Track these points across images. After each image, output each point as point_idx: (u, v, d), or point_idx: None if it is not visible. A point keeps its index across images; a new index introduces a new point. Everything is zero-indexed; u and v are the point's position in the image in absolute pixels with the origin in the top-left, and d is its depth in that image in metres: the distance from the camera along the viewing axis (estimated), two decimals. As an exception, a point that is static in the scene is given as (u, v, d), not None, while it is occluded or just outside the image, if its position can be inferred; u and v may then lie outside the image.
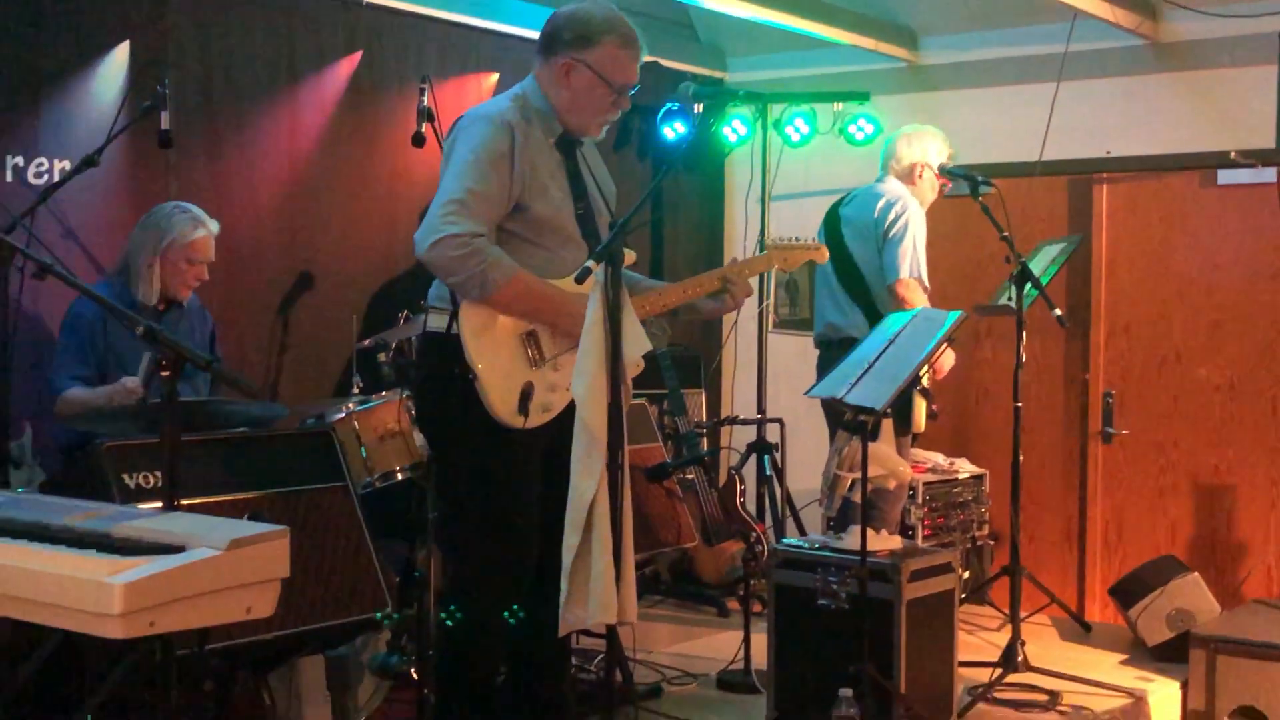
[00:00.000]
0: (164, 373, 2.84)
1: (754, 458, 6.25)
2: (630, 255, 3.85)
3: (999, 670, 4.83)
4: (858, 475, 4.15)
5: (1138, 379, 6.37)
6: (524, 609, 3.67)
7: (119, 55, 4.91)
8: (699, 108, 6.74)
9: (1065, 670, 4.93)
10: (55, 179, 4.57)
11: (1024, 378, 5.04)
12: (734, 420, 6.72)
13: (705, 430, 6.63)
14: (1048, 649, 5.37)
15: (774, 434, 6.33)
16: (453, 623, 3.63)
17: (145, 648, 2.85)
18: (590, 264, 3.22)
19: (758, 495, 6.37)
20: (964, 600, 5.04)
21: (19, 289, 3.86)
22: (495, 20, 6.13)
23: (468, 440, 3.63)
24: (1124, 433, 6.38)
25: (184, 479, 2.95)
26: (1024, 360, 5.01)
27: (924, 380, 4.88)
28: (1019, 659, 4.88)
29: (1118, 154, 6.35)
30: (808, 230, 5.72)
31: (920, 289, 5.33)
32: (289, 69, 5.46)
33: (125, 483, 3.46)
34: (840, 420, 4.27)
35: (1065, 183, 6.51)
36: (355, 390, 4.87)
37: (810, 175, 6.94)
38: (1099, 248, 6.44)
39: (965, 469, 6.22)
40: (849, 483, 4.28)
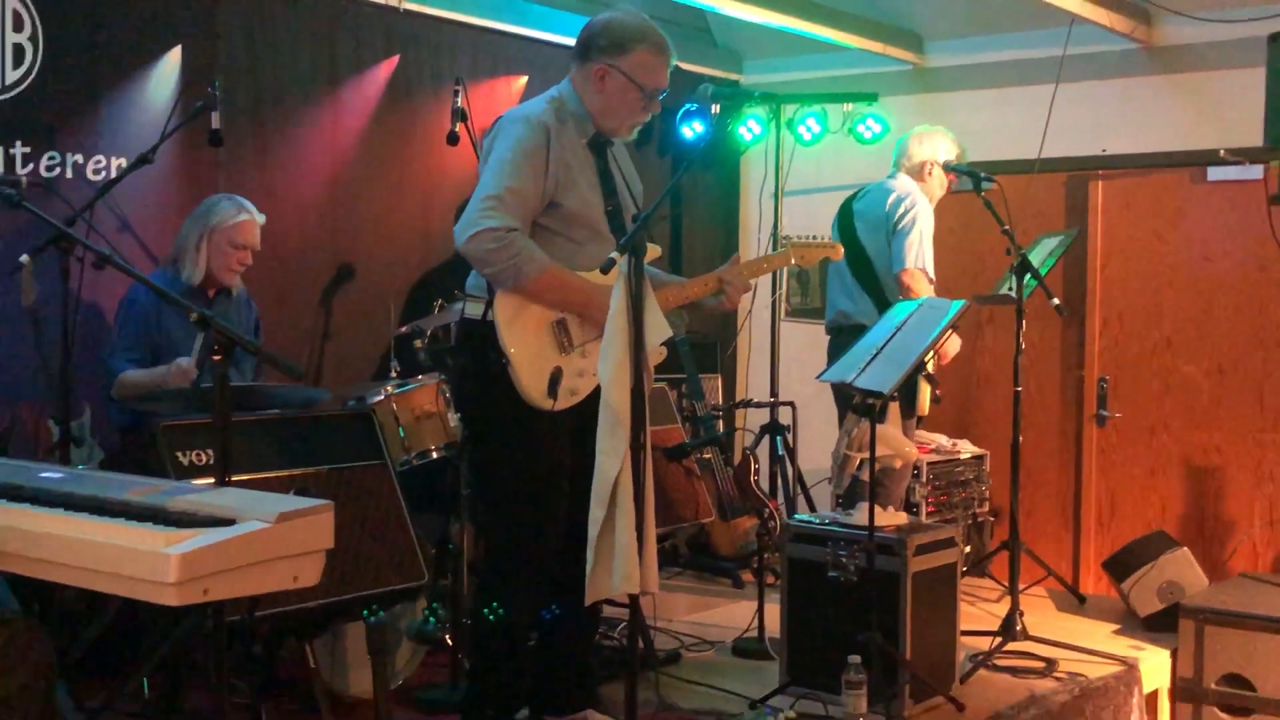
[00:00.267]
0: (216, 357, 2.86)
1: (767, 438, 6.25)
2: (655, 250, 3.87)
3: (999, 639, 4.83)
4: (866, 455, 4.15)
5: (1131, 365, 6.35)
6: (553, 579, 3.69)
7: (172, 60, 4.92)
8: (716, 108, 6.73)
9: (1061, 639, 4.92)
10: (112, 175, 4.59)
11: (1023, 364, 5.02)
12: (748, 403, 6.72)
13: (721, 413, 6.64)
14: (1044, 619, 5.36)
15: (786, 416, 6.32)
16: (488, 609, 3.66)
17: (198, 614, 2.87)
18: (614, 255, 3.22)
19: (770, 474, 6.37)
20: (965, 573, 5.04)
21: (79, 279, 3.89)
22: (524, 26, 6.13)
23: (501, 420, 3.65)
24: (1117, 416, 6.36)
25: (234, 457, 2.97)
26: (1023, 347, 4.99)
27: (929, 366, 4.87)
28: (1017, 628, 4.87)
29: (1113, 152, 6.33)
30: (818, 223, 5.74)
31: (925, 279, 5.32)
32: (331, 72, 5.47)
33: (179, 460, 3.48)
34: (849, 403, 4.26)
35: (1063, 179, 6.49)
36: (393, 374, 4.88)
37: (821, 172, 6.93)
38: (1094, 241, 6.42)
39: (967, 450, 6.21)
40: (857, 462, 4.27)
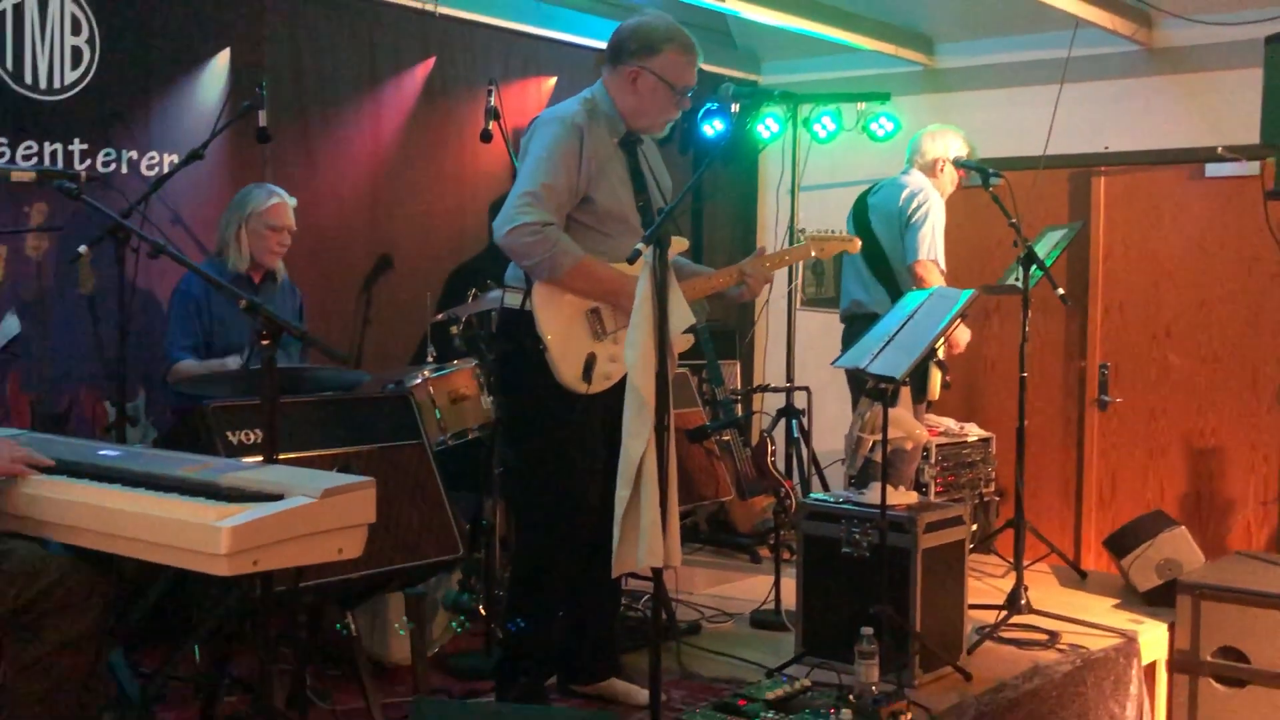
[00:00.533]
0: (264, 341, 2.86)
1: (783, 421, 6.24)
2: (682, 242, 3.86)
3: (1004, 612, 4.81)
4: (878, 437, 4.14)
5: (1131, 352, 6.32)
6: (582, 553, 3.70)
7: (221, 61, 4.94)
8: (736, 107, 6.70)
9: (1064, 613, 4.91)
10: (165, 170, 4.61)
11: (1028, 351, 5.01)
12: (765, 388, 6.71)
13: (740, 397, 6.63)
14: (1048, 594, 5.35)
15: (801, 400, 6.30)
16: (526, 580, 3.68)
17: (247, 584, 2.88)
18: (640, 246, 3.22)
19: (786, 455, 6.35)
20: (972, 550, 5.01)
21: (134, 268, 3.90)
22: (554, 29, 6.12)
23: (539, 403, 3.65)
24: (1118, 401, 6.33)
25: (281, 436, 2.99)
26: (1028, 335, 4.99)
27: (939, 353, 4.86)
28: (1022, 602, 4.86)
29: (1115, 149, 6.29)
30: (833, 217, 5.72)
31: (936, 270, 5.31)
32: (371, 73, 5.48)
33: (229, 439, 3.48)
34: (863, 388, 4.25)
35: (1067, 175, 6.45)
36: (430, 359, 4.88)
37: (836, 168, 6.89)
38: (1097, 234, 6.39)
39: (974, 432, 6.18)
40: (870, 444, 4.26)
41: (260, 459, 2.95)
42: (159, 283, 4.59)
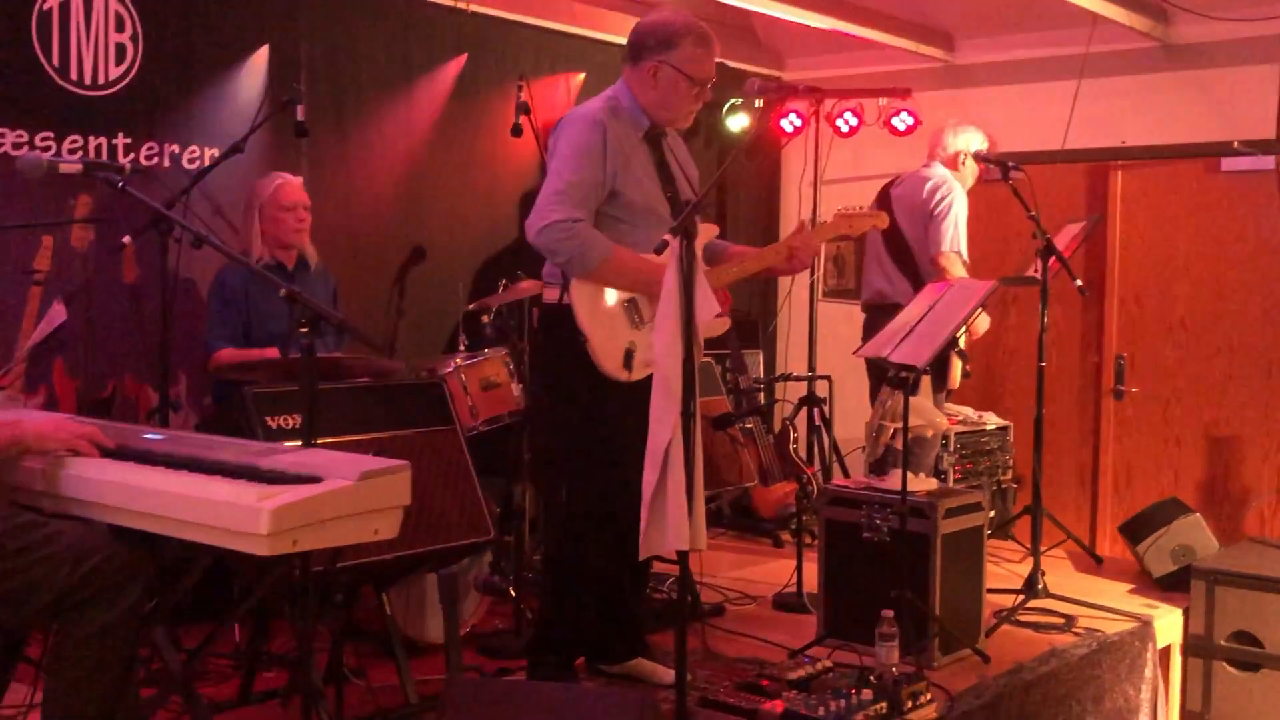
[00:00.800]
0: (302, 329, 2.86)
1: (805, 409, 6.22)
2: (713, 228, 3.87)
3: (1021, 596, 4.80)
4: (899, 425, 4.12)
5: (1147, 343, 6.27)
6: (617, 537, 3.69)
7: (260, 58, 4.94)
8: (760, 102, 6.68)
9: (1080, 597, 4.88)
10: (205, 164, 4.61)
11: (1046, 341, 4.98)
12: (788, 377, 6.67)
13: (763, 385, 6.60)
14: (1064, 578, 5.32)
15: (823, 389, 6.28)
16: (572, 561, 3.69)
17: (286, 564, 2.88)
18: (667, 238, 3.20)
19: (808, 442, 6.33)
20: (990, 535, 4.98)
21: (176, 258, 3.91)
22: (582, 27, 6.11)
23: (583, 393, 3.63)
24: (1133, 390, 6.29)
25: (319, 421, 2.98)
26: (1046, 326, 4.96)
27: (961, 342, 4.83)
28: (1039, 587, 4.84)
29: (1132, 144, 6.24)
30: (853, 210, 5.69)
31: (960, 261, 5.29)
32: (404, 70, 5.47)
33: (269, 424, 3.48)
34: (884, 376, 4.23)
35: (1085, 169, 6.40)
36: (462, 347, 4.89)
37: (857, 162, 6.86)
38: (1114, 226, 6.34)
39: (992, 421, 6.16)
40: (891, 431, 4.24)
41: (299, 443, 2.95)
42: (199, 273, 4.60)
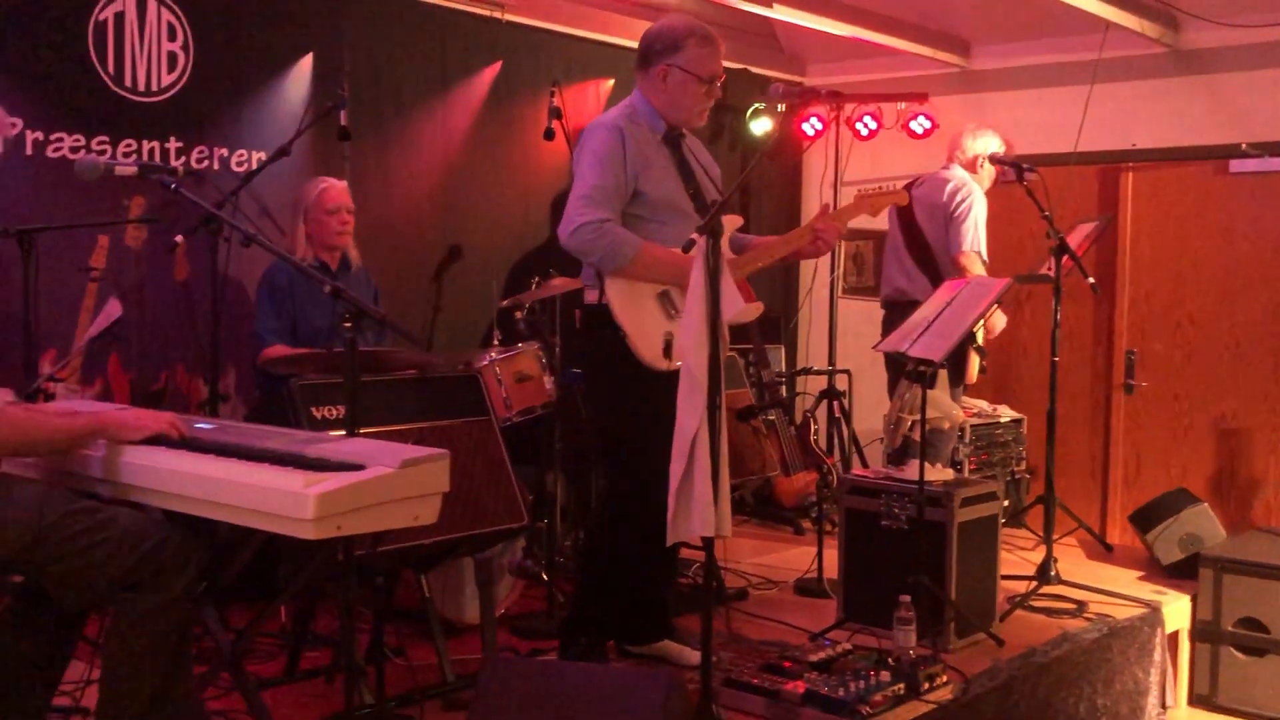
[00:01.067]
0: (346, 324, 2.89)
1: (825, 402, 6.22)
2: (736, 219, 3.86)
3: (1034, 583, 4.79)
4: (917, 417, 4.12)
5: (1156, 339, 6.25)
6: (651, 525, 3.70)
7: (305, 65, 4.98)
8: (782, 107, 6.68)
9: (1091, 584, 4.88)
10: (253, 167, 4.64)
11: (1059, 337, 4.97)
12: (809, 371, 6.69)
13: (784, 379, 6.61)
14: (1076, 566, 5.31)
15: (842, 383, 6.29)
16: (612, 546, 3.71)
17: (331, 548, 2.91)
18: (693, 236, 3.22)
19: (828, 434, 6.34)
20: (1005, 524, 4.97)
21: (226, 257, 3.95)
22: (612, 35, 6.13)
23: (626, 385, 3.65)
24: (1143, 385, 6.26)
25: (362, 412, 3.01)
26: (1059, 322, 4.95)
27: (979, 338, 4.83)
28: (1051, 574, 4.84)
29: (1142, 146, 6.21)
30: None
31: (979, 260, 5.28)
32: (442, 77, 5.50)
33: (314, 415, 3.51)
34: (902, 370, 4.23)
35: (1096, 170, 6.37)
36: (496, 342, 4.92)
37: (876, 164, 6.86)
38: (1125, 226, 6.31)
39: (1007, 414, 6.15)
40: (909, 423, 4.24)
41: (343, 433, 2.98)
42: (247, 271, 4.63)
